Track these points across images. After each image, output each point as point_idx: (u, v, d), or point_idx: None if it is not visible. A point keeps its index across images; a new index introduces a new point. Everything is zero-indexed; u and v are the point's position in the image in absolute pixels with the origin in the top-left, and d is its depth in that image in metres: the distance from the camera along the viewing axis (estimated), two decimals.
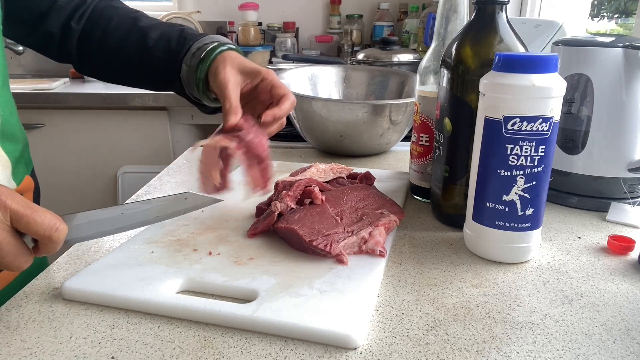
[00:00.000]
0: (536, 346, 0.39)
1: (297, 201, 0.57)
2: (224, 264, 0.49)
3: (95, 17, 0.71)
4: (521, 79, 0.47)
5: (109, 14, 0.71)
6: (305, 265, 0.49)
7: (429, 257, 0.54)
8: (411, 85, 1.01)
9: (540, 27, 1.13)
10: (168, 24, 0.71)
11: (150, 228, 0.57)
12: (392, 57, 1.36)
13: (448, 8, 0.65)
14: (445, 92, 0.58)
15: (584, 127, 0.67)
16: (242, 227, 0.58)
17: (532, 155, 0.49)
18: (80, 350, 0.38)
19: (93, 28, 0.70)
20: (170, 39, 0.67)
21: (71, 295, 0.45)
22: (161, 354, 0.38)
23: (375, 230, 0.53)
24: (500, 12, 0.55)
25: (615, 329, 0.42)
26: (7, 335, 0.40)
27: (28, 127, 1.66)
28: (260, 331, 0.40)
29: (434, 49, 0.67)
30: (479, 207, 0.52)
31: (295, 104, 0.62)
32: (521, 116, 0.48)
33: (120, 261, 0.49)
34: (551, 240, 0.59)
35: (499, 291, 0.47)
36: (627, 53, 0.63)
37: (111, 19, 0.70)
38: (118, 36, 0.69)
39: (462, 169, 0.58)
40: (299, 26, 2.24)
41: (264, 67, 0.62)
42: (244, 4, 2.09)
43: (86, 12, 0.71)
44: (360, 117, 0.83)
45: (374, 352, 0.38)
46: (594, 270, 0.52)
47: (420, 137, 0.69)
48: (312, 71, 1.08)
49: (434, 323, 0.42)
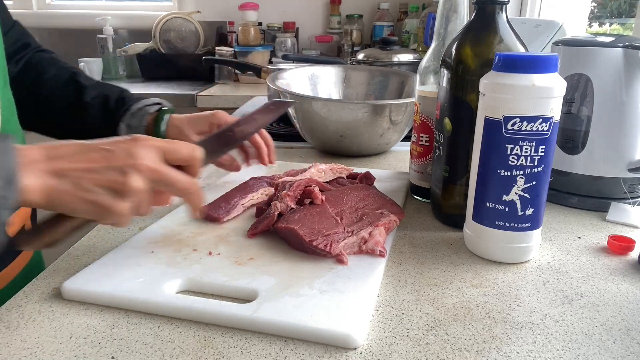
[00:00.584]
0: (536, 346, 0.39)
1: (297, 201, 0.57)
2: (224, 264, 0.49)
3: (33, 62, 0.71)
4: (521, 79, 0.47)
5: (48, 63, 0.73)
6: (305, 265, 0.49)
7: (429, 257, 0.54)
8: (411, 85, 1.01)
9: (540, 27, 1.13)
10: (108, 84, 0.74)
11: (150, 228, 0.57)
12: (392, 57, 1.36)
13: (448, 8, 0.65)
14: (445, 92, 0.58)
15: (584, 127, 0.67)
16: (242, 227, 0.58)
17: (532, 155, 0.49)
18: (80, 350, 0.38)
19: (26, 73, 0.70)
20: (108, 97, 0.71)
21: (71, 295, 0.45)
22: (161, 354, 0.38)
23: (375, 230, 0.53)
24: (500, 12, 0.55)
25: (615, 329, 0.42)
26: (7, 335, 0.40)
27: None
28: (260, 331, 0.40)
29: (434, 49, 0.67)
30: (479, 207, 0.52)
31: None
32: (521, 116, 0.48)
33: (120, 261, 0.49)
34: (551, 240, 0.59)
35: (499, 291, 0.47)
36: (627, 53, 0.63)
37: (47, 70, 0.71)
38: (53, 86, 0.71)
39: (462, 169, 0.58)
40: (299, 26, 2.24)
41: (211, 112, 0.70)
42: (244, 4, 2.09)
43: (25, 56, 0.71)
44: (360, 117, 0.83)
45: (374, 352, 0.38)
46: (594, 270, 0.52)
47: (420, 137, 0.69)
48: (312, 71, 1.08)
49: (434, 323, 0.42)
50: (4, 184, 0.37)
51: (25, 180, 0.39)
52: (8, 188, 0.37)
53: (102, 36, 2.18)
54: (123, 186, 0.42)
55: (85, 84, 0.71)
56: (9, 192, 0.37)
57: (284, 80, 1.02)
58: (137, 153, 0.43)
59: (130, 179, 0.42)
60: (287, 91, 0.90)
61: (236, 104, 1.76)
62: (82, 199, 0.41)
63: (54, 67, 0.72)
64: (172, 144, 0.45)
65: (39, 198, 0.40)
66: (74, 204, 0.41)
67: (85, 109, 0.70)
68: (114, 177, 0.42)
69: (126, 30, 2.31)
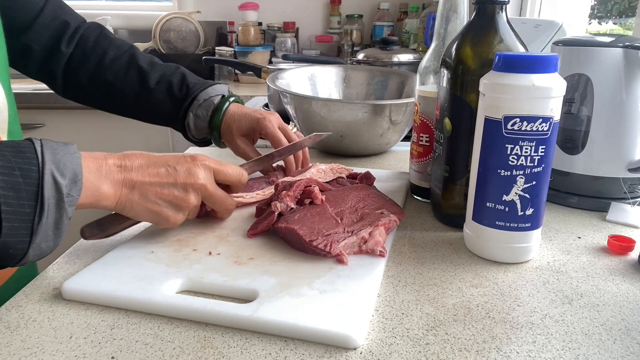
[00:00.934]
0: (536, 346, 0.39)
1: (297, 201, 0.57)
2: (224, 264, 0.49)
3: (88, 47, 0.72)
4: (521, 79, 0.47)
5: (104, 45, 0.73)
6: (305, 265, 0.49)
7: (429, 257, 0.54)
8: (411, 85, 1.01)
9: (540, 27, 1.13)
10: (165, 65, 0.75)
11: (150, 228, 0.57)
12: (392, 57, 1.36)
13: (448, 8, 0.65)
14: (445, 92, 0.58)
15: (584, 127, 0.67)
16: (242, 227, 0.58)
17: (532, 155, 0.49)
18: (80, 350, 0.38)
19: (87, 57, 0.72)
20: (171, 83, 0.72)
21: (71, 295, 0.45)
22: (161, 354, 0.38)
23: (375, 230, 0.53)
24: (500, 12, 0.55)
25: (615, 329, 0.42)
26: (7, 335, 0.40)
27: (28, 127, 1.66)
28: (260, 331, 0.40)
29: (434, 49, 0.67)
30: (479, 207, 0.52)
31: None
32: (521, 116, 0.48)
33: (120, 261, 0.49)
34: (551, 240, 0.59)
35: (499, 291, 0.47)
36: (627, 53, 0.63)
37: (106, 52, 0.72)
38: (115, 70, 0.72)
39: (462, 169, 0.58)
40: (299, 26, 2.24)
41: (262, 115, 0.72)
42: (244, 4, 2.09)
43: (75, 37, 0.71)
44: (360, 117, 0.83)
45: (374, 352, 0.38)
46: (594, 270, 0.52)
47: (420, 137, 0.69)
48: (312, 71, 1.08)
49: (434, 323, 0.42)
50: (70, 183, 0.42)
51: (104, 188, 0.46)
52: (74, 187, 0.42)
53: None
54: (183, 202, 0.50)
55: (145, 69, 0.72)
56: (74, 191, 0.42)
57: (284, 80, 1.02)
58: (196, 173, 0.51)
59: (190, 197, 0.50)
60: (287, 91, 0.90)
61: None
62: (148, 208, 0.49)
63: (111, 48, 0.73)
64: (223, 167, 0.54)
65: (112, 203, 0.47)
66: (140, 211, 0.49)
67: (151, 94, 0.72)
68: (176, 193, 0.50)
69: (126, 30, 2.31)
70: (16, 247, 0.40)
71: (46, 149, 0.41)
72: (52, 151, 0.42)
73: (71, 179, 0.42)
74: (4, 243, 0.39)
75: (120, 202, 0.48)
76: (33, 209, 0.40)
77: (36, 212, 0.40)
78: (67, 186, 0.42)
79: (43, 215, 0.40)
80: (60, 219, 0.42)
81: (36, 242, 0.40)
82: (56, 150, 0.42)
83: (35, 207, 0.40)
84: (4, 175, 0.39)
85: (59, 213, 0.41)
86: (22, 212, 0.39)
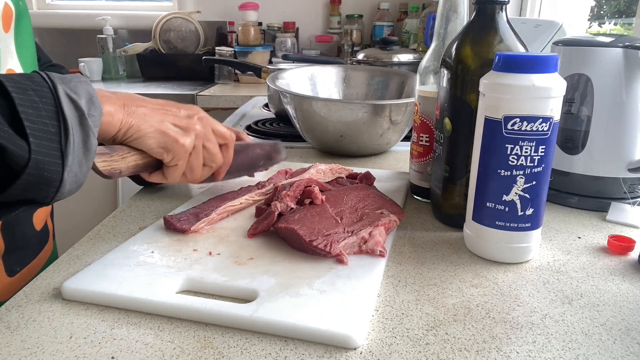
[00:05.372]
0: (536, 346, 0.39)
1: (297, 201, 0.57)
2: (224, 264, 0.49)
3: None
4: (521, 79, 0.47)
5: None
6: (305, 265, 0.49)
7: (429, 257, 0.54)
8: (411, 85, 1.01)
9: (540, 27, 1.13)
10: None
11: (150, 228, 0.57)
12: (392, 57, 1.36)
13: (448, 8, 0.65)
14: (445, 92, 0.58)
15: (584, 127, 0.67)
16: (242, 227, 0.58)
17: (532, 155, 0.49)
18: (80, 350, 0.38)
19: None
20: None
21: (71, 295, 0.45)
22: (161, 354, 0.38)
23: (375, 230, 0.53)
24: (500, 12, 0.55)
25: (615, 329, 0.42)
26: (7, 335, 0.40)
27: None
28: (260, 331, 0.40)
29: (434, 49, 0.67)
30: (479, 207, 0.52)
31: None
32: (521, 116, 0.48)
33: (120, 261, 0.49)
34: (551, 240, 0.59)
35: (499, 291, 0.47)
36: (627, 53, 0.63)
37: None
38: None
39: (462, 169, 0.58)
40: (299, 26, 2.24)
41: None
42: (244, 4, 2.09)
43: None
44: (360, 117, 0.83)
45: (374, 352, 0.38)
46: (594, 270, 0.52)
47: (420, 137, 0.69)
48: (312, 71, 1.08)
49: (434, 323, 0.42)
50: (87, 101, 0.42)
51: (106, 106, 0.45)
52: (92, 107, 0.43)
53: (102, 36, 2.18)
54: (188, 125, 0.53)
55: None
56: (93, 110, 0.43)
57: (284, 80, 1.02)
58: (197, 109, 0.55)
59: (194, 121, 0.54)
60: (287, 91, 0.90)
61: (236, 104, 1.76)
62: (154, 127, 0.50)
63: None
64: (217, 125, 0.58)
65: (117, 121, 0.47)
66: (147, 130, 0.49)
67: None
68: (181, 115, 0.53)
69: (126, 30, 2.31)
70: (50, 168, 0.39)
71: (53, 76, 0.41)
72: (60, 78, 0.41)
73: (87, 100, 0.42)
74: (36, 162, 0.38)
75: (125, 122, 0.47)
76: (57, 128, 0.39)
77: (61, 132, 0.39)
78: (86, 105, 0.42)
79: (69, 134, 0.39)
80: (87, 137, 0.41)
81: (69, 165, 0.40)
82: (64, 78, 0.42)
83: (59, 127, 0.39)
84: (19, 93, 0.38)
85: (85, 131, 0.41)
86: (47, 132, 0.38)
